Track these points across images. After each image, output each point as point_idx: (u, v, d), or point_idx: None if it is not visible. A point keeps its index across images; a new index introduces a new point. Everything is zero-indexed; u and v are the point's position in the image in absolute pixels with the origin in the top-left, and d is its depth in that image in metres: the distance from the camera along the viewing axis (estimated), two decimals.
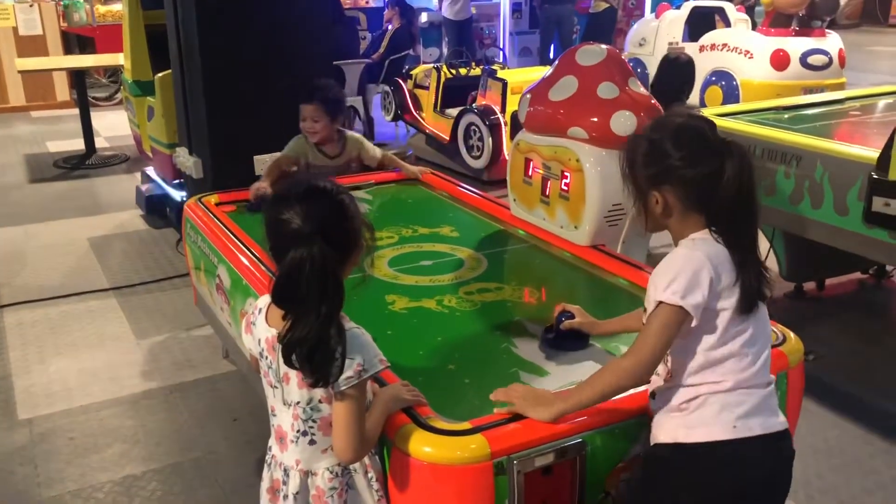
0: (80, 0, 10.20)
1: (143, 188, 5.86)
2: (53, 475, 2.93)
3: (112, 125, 8.57)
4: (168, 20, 4.35)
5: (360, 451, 1.65)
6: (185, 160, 4.41)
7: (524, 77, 6.32)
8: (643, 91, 2.87)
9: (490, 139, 6.23)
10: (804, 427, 2.17)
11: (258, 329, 1.74)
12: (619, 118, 2.73)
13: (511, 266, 2.96)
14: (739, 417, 1.60)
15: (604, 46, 2.93)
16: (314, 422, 1.68)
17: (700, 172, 1.58)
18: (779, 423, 1.66)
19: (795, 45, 7.02)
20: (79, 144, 7.55)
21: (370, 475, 1.72)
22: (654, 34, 8.26)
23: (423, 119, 7.31)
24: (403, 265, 2.79)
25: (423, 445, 1.66)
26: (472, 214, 3.36)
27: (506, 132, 6.20)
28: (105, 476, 2.92)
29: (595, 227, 2.80)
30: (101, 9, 10.39)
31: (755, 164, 1.62)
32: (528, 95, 3.01)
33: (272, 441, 1.78)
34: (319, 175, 1.83)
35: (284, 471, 1.74)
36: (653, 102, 2.82)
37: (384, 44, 8.24)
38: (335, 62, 6.27)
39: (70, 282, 4.68)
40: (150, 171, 5.90)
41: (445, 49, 9.82)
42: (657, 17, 8.42)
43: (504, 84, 6.37)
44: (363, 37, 8.81)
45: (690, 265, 1.57)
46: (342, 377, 1.58)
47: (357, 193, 3.01)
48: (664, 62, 5.19)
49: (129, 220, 5.78)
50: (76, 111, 7.69)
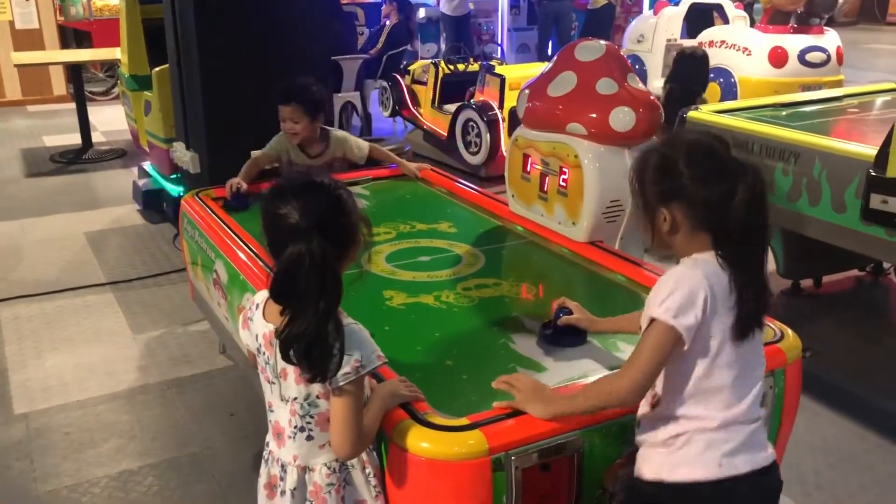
0: None
1: (140, 183, 5.84)
2: (49, 470, 2.93)
3: (109, 120, 8.54)
4: (165, 14, 4.34)
5: (358, 447, 1.65)
6: (182, 155, 4.40)
7: (522, 73, 6.31)
8: (642, 87, 2.87)
9: (488, 135, 6.22)
10: (801, 424, 2.17)
11: (255, 325, 1.74)
12: (618, 114, 2.72)
13: (509, 262, 2.96)
14: (725, 455, 1.56)
15: (603, 42, 2.92)
16: (312, 417, 1.67)
17: (711, 192, 1.53)
18: (765, 458, 1.61)
19: (793, 43, 7.02)
20: (75, 139, 7.53)
21: (368, 471, 1.72)
22: (653, 31, 8.26)
23: (421, 115, 7.30)
24: (401, 261, 2.79)
25: (421, 441, 1.65)
26: (470, 210, 3.36)
27: (504, 128, 6.20)
28: (101, 471, 2.92)
29: (593, 224, 2.79)
30: (98, 3, 10.33)
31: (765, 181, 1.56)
32: (527, 91, 3.00)
33: (269, 437, 1.78)
34: (318, 170, 1.83)
35: (282, 466, 1.73)
36: (652, 98, 2.82)
37: (382, 39, 8.23)
38: (333, 57, 6.25)
39: (66, 276, 4.67)
40: (147, 166, 5.89)
41: (443, 45, 9.80)
42: (655, 14, 8.42)
43: (502, 80, 6.36)
44: (361, 32, 8.79)
45: (687, 284, 1.53)
46: (340, 373, 1.58)
47: (354, 189, 3.00)
48: (680, 57, 5.15)
49: (126, 215, 5.77)
50: (73, 105, 7.67)
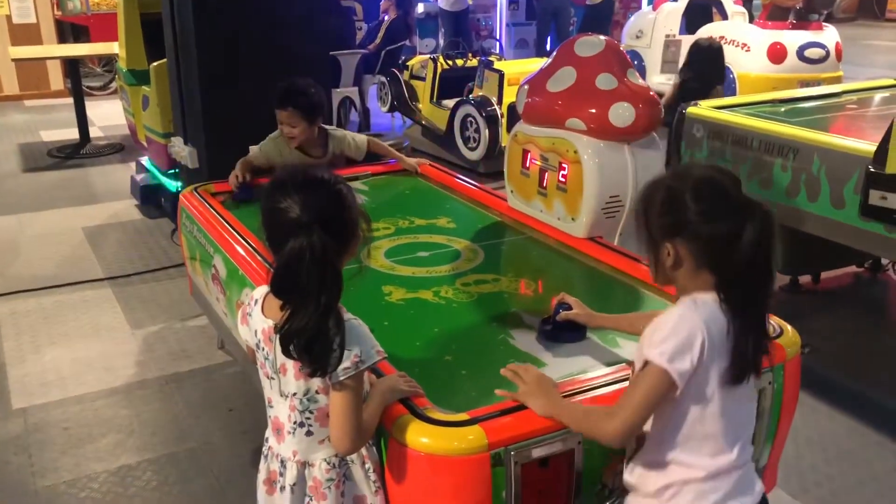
0: None
1: (138, 178, 5.83)
2: (48, 465, 2.93)
3: (106, 114, 8.52)
4: (163, 9, 4.33)
5: (358, 442, 1.65)
6: (181, 150, 4.39)
7: (521, 68, 6.30)
8: (642, 82, 2.86)
9: (486, 131, 6.22)
10: (799, 419, 2.17)
11: (254, 320, 1.73)
12: (618, 110, 2.72)
13: (508, 258, 2.95)
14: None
15: (603, 38, 2.92)
16: (311, 413, 1.67)
17: (717, 230, 1.47)
18: (753, 499, 1.58)
19: (792, 39, 7.02)
20: (73, 134, 7.52)
21: (367, 466, 1.72)
22: (652, 26, 8.26)
23: (420, 110, 7.29)
24: (400, 256, 2.79)
25: (421, 436, 1.65)
26: (469, 206, 3.35)
27: (502, 123, 6.19)
28: (100, 466, 2.92)
29: (592, 219, 2.79)
30: None
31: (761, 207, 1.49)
32: (527, 86, 2.99)
33: (269, 432, 1.78)
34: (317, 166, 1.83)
35: (281, 462, 1.73)
36: (651, 94, 2.81)
37: (380, 34, 8.21)
38: (331, 52, 6.24)
39: (64, 271, 4.66)
40: (145, 161, 5.88)
41: (442, 40, 9.77)
42: (654, 10, 8.43)
43: (501, 75, 6.35)
44: (359, 27, 8.77)
45: (686, 328, 1.48)
46: (340, 367, 1.58)
47: (353, 184, 2.99)
48: (695, 50, 5.11)
49: (124, 210, 5.76)
50: (70, 100, 7.66)
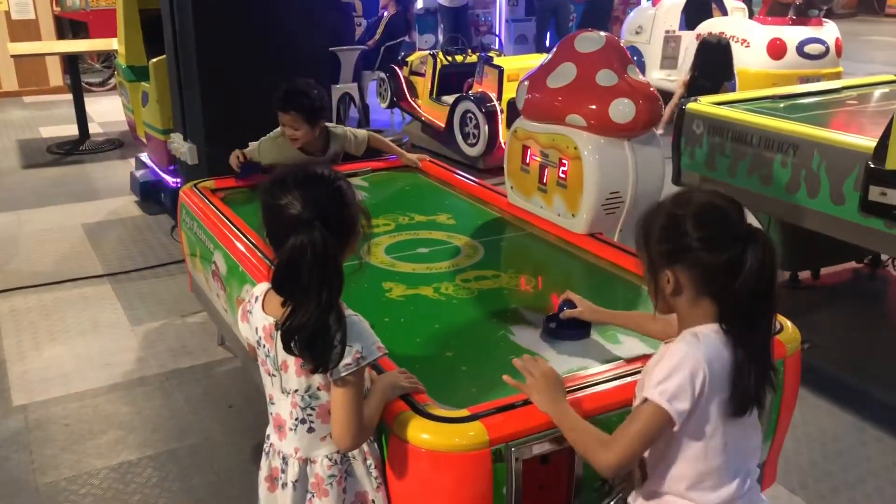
0: None
1: (138, 174, 5.83)
2: (49, 461, 2.93)
3: (106, 111, 8.51)
4: (163, 5, 4.32)
5: (359, 439, 1.65)
6: (180, 146, 4.39)
7: (520, 64, 6.30)
8: (642, 78, 2.86)
9: (486, 127, 6.20)
10: (798, 415, 2.18)
11: (255, 317, 1.73)
12: (618, 106, 2.72)
13: (508, 254, 2.96)
14: None
15: (603, 34, 2.92)
16: (313, 409, 1.67)
17: (718, 258, 1.45)
18: None
19: (792, 34, 7.01)
20: (72, 130, 7.50)
21: (369, 462, 1.72)
22: (651, 22, 8.25)
23: (419, 106, 7.28)
24: (400, 252, 2.79)
25: (422, 432, 1.66)
26: (469, 202, 3.35)
27: (502, 120, 6.19)
28: (100, 462, 2.92)
29: (592, 215, 2.79)
30: None
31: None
32: (527, 82, 2.99)
33: (270, 429, 1.78)
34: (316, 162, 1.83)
35: (283, 459, 1.73)
36: (651, 90, 2.81)
37: (380, 30, 8.20)
38: (330, 48, 6.23)
39: (64, 268, 4.66)
40: (145, 157, 5.87)
41: (441, 36, 9.76)
42: (654, 5, 8.41)
43: (500, 71, 6.34)
44: (358, 23, 8.75)
45: (688, 367, 1.45)
46: (341, 364, 1.58)
47: (353, 180, 3.00)
48: (704, 47, 5.08)
49: (124, 206, 5.75)
50: (69, 96, 7.64)
